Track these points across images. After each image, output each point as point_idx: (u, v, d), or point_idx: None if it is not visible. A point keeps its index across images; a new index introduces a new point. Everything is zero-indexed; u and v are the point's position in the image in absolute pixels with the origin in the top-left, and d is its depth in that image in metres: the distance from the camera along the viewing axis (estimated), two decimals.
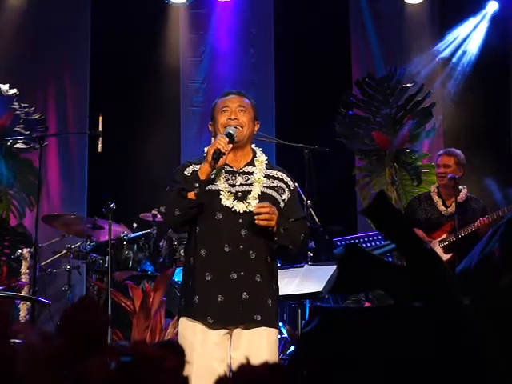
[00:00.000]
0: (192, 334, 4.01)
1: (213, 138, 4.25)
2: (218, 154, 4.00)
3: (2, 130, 9.04)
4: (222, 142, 4.03)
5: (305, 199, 7.07)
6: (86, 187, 9.66)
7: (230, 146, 4.09)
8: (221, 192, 4.12)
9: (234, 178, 4.18)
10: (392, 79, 9.28)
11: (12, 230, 8.57)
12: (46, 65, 9.71)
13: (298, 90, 9.71)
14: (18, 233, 8.53)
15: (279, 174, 4.29)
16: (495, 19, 9.60)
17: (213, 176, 4.11)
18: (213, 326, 4.02)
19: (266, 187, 4.19)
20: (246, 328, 4.04)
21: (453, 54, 9.69)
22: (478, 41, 9.63)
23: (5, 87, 9.16)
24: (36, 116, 9.21)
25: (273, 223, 4.01)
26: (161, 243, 7.63)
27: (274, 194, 4.19)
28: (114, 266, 7.29)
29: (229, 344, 4.07)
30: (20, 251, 7.86)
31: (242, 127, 4.20)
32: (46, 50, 9.69)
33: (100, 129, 7.03)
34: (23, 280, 7.68)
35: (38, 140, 7.34)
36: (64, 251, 7.89)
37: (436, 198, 7.05)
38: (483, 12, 9.68)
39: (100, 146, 7.00)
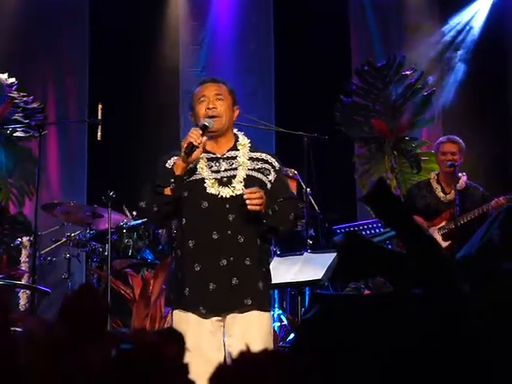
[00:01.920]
0: (186, 326, 3.98)
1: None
2: (191, 148, 3.96)
3: (0, 119, 9.04)
4: (194, 135, 3.99)
5: (304, 187, 7.07)
6: (85, 175, 9.65)
7: (204, 138, 4.03)
8: (205, 180, 4.08)
9: (217, 164, 4.14)
10: (391, 67, 9.28)
11: (11, 219, 8.58)
12: (45, 53, 9.69)
13: (298, 77, 9.70)
14: (17, 221, 8.53)
15: (263, 156, 4.24)
16: (495, 5, 9.58)
17: (191, 167, 4.06)
18: (206, 316, 4.02)
19: (251, 170, 4.15)
20: (238, 313, 4.03)
21: (452, 40, 9.67)
22: (477, 27, 9.61)
23: (3, 76, 9.15)
24: (35, 104, 9.21)
25: (262, 207, 3.99)
26: (160, 231, 7.63)
27: (259, 176, 4.16)
28: (114, 254, 7.30)
29: (222, 331, 4.07)
30: (20, 240, 7.87)
31: (220, 117, 4.16)
32: (45, 38, 9.67)
33: (99, 117, 7.02)
34: (23, 268, 7.69)
35: (37, 128, 7.34)
36: (64, 239, 7.89)
37: (435, 185, 7.06)
38: None
39: (99, 134, 6.99)
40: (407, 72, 9.27)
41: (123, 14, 9.59)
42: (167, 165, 4.15)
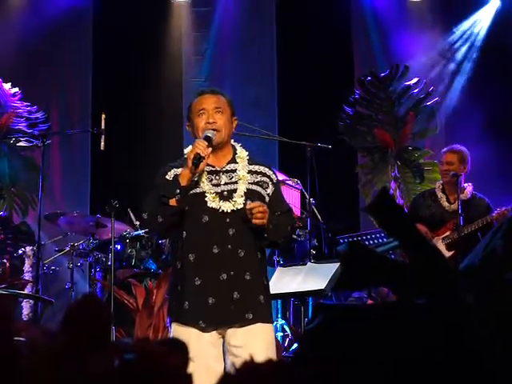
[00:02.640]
0: (186, 337, 3.96)
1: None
2: (198, 159, 3.95)
3: (4, 129, 9.06)
4: (201, 147, 3.97)
5: (307, 197, 7.07)
6: (88, 185, 9.66)
7: (210, 149, 4.02)
8: (206, 194, 4.07)
9: (217, 177, 4.12)
10: (394, 77, 9.29)
11: (15, 228, 8.57)
12: (49, 63, 9.70)
13: (301, 87, 9.71)
14: (20, 231, 8.53)
15: (262, 169, 4.23)
16: (499, 12, 9.59)
17: (195, 179, 4.06)
18: (205, 330, 4.00)
19: (251, 183, 4.14)
20: (239, 327, 4.02)
21: (456, 50, 9.68)
22: (481, 34, 9.62)
23: (7, 86, 9.17)
24: (38, 114, 9.22)
25: (265, 221, 3.99)
26: (163, 241, 7.63)
27: (259, 189, 4.15)
28: (117, 263, 7.30)
29: (222, 342, 4.06)
30: (23, 249, 7.86)
31: (220, 130, 4.14)
32: (48, 49, 9.69)
33: (103, 127, 7.04)
34: (26, 278, 7.69)
35: (40, 138, 7.35)
36: (67, 249, 7.88)
37: (440, 194, 7.05)
38: (486, 8, 9.67)
39: (103, 144, 7.00)
40: (410, 82, 9.28)
41: (126, 24, 9.60)
42: (167, 176, 4.14)
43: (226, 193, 4.09)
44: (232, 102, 4.31)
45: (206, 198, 4.06)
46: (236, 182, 4.12)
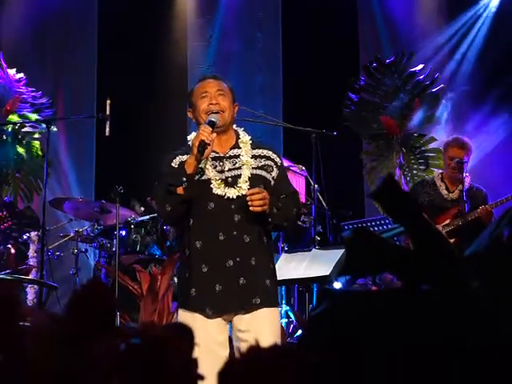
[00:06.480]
0: (192, 323, 3.98)
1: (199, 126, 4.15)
2: (203, 146, 3.92)
3: (9, 114, 9.05)
4: (205, 133, 3.95)
5: (312, 183, 7.07)
6: (93, 171, 9.67)
7: (214, 135, 4.00)
8: (211, 181, 4.06)
9: (221, 163, 4.12)
10: (400, 63, 9.26)
11: (20, 214, 8.59)
12: (54, 49, 9.71)
13: (306, 74, 9.69)
14: (25, 216, 8.54)
15: (265, 152, 4.22)
16: (503, 4, 9.56)
17: (201, 166, 4.03)
18: (211, 317, 4.01)
19: (255, 168, 4.13)
20: (246, 312, 4.03)
21: (461, 37, 9.66)
22: (488, 21, 9.59)
23: (12, 71, 9.17)
24: (43, 100, 9.22)
25: (266, 207, 3.98)
26: (168, 227, 7.63)
27: (263, 173, 4.15)
28: (122, 249, 7.31)
29: (228, 328, 4.08)
30: (28, 235, 7.88)
31: (223, 111, 4.14)
32: (54, 35, 9.70)
33: (108, 112, 7.03)
34: (31, 263, 7.71)
35: (45, 124, 7.35)
36: (72, 235, 7.90)
37: (439, 183, 7.04)
38: None
39: (108, 129, 7.00)
40: (416, 69, 9.25)
41: (132, 10, 9.59)
42: (173, 164, 4.13)
43: (230, 179, 4.08)
44: (233, 88, 4.32)
45: (211, 185, 4.06)
46: (240, 168, 4.12)
